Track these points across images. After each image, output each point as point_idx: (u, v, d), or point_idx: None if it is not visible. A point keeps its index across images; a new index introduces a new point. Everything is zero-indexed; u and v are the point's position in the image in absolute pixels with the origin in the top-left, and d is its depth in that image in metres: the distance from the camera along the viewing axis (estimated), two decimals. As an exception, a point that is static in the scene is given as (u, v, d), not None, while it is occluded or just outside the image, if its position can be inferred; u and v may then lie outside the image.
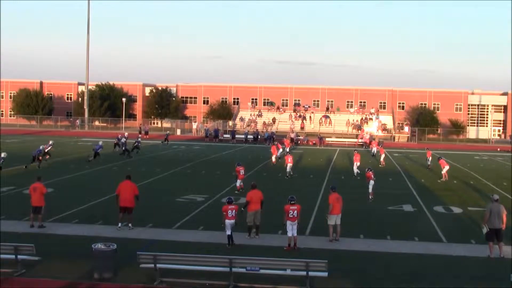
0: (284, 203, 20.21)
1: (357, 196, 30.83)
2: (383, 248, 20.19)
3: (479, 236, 20.40)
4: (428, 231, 23.21)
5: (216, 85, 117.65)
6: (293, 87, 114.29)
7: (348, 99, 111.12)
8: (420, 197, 31.78)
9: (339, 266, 17.19)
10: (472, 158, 61.32)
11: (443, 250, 20.17)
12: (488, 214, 19.38)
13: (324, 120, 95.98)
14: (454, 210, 28.17)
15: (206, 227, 21.69)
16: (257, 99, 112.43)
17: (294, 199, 19.81)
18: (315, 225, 23.37)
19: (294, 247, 19.46)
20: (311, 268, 15.24)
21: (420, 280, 16.60)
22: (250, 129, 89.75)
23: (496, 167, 52.28)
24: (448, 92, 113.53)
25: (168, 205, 27.42)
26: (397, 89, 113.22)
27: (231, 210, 19.75)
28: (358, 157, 42.51)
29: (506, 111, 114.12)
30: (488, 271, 17.84)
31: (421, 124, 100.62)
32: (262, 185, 26.81)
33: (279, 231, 21.46)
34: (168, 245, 19.42)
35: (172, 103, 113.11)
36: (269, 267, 15.73)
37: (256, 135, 79.71)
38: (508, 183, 39.29)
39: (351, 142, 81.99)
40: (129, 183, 22.49)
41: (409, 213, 27.17)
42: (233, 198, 20.97)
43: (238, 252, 18.23)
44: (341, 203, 21.12)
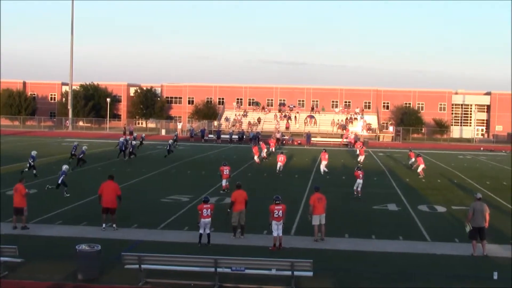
0: (269, 203, 20.22)
1: (343, 196, 30.93)
2: (368, 247, 20.24)
3: (463, 234, 20.49)
4: (412, 230, 23.30)
5: (201, 85, 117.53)
6: (278, 87, 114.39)
7: (333, 99, 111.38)
8: (404, 196, 31.90)
9: (324, 265, 17.22)
10: (456, 157, 61.64)
11: (427, 249, 20.25)
12: (472, 212, 19.50)
13: (309, 120, 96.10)
14: (438, 209, 28.29)
15: (191, 228, 21.62)
16: (242, 99, 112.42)
17: (279, 199, 19.81)
18: (300, 225, 23.38)
19: (279, 247, 19.46)
20: (296, 268, 15.24)
21: (405, 279, 16.65)
22: (235, 129, 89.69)
23: (479, 166, 52.60)
24: (432, 92, 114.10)
25: (153, 205, 27.33)
26: (382, 89, 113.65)
27: (206, 209, 19.71)
28: (325, 156, 42.54)
29: (489, 110, 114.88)
30: (471, 269, 17.94)
31: (405, 124, 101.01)
32: (247, 185, 26.85)
33: (264, 231, 21.45)
34: (153, 246, 19.36)
35: (157, 103, 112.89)
36: (255, 267, 15.71)
37: (241, 135, 79.68)
38: (491, 182, 39.56)
39: (336, 142, 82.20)
40: (111, 184, 22.37)
41: (393, 212, 27.26)
42: (209, 197, 20.94)
43: (223, 252, 18.21)
44: (324, 203, 21.10)
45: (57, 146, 62.52)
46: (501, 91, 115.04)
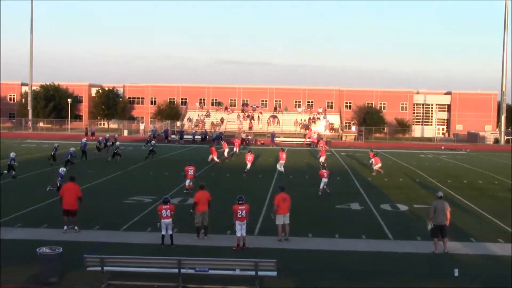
0: (232, 203, 20.20)
1: (306, 195, 31.02)
2: (331, 246, 20.34)
3: (425, 232, 20.70)
4: (375, 229, 23.47)
5: (163, 85, 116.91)
6: (241, 87, 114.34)
7: (296, 99, 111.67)
8: (367, 195, 32.12)
9: (288, 265, 17.24)
10: (417, 157, 62.25)
11: (390, 247, 20.42)
12: (433, 211, 19.73)
13: (272, 120, 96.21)
14: (400, 207, 28.54)
15: (154, 229, 21.46)
16: (205, 99, 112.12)
17: (242, 199, 19.80)
18: (264, 225, 23.39)
19: (243, 247, 19.45)
20: (260, 268, 15.23)
21: (368, 277, 16.77)
22: (198, 129, 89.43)
23: (440, 165, 53.21)
24: (394, 91, 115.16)
25: (116, 207, 27.11)
26: (344, 89, 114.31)
27: (165, 210, 19.65)
28: (283, 156, 42.68)
29: (450, 110, 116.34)
30: (433, 267, 18.13)
31: (368, 123, 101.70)
32: (210, 186, 26.81)
33: (228, 231, 21.43)
34: (116, 248, 19.22)
35: (119, 104, 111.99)
36: (218, 268, 15.69)
37: (204, 135, 79.47)
38: (452, 180, 40.05)
39: (299, 141, 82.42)
40: (72, 185, 22.14)
41: (356, 212, 27.42)
42: (169, 198, 20.82)
43: (187, 253, 18.14)
44: (289, 202, 21.16)
45: (17, 147, 61.55)
46: (461, 90, 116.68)
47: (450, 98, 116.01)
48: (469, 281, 16.42)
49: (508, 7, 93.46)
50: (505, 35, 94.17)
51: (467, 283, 16.27)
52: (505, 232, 22.95)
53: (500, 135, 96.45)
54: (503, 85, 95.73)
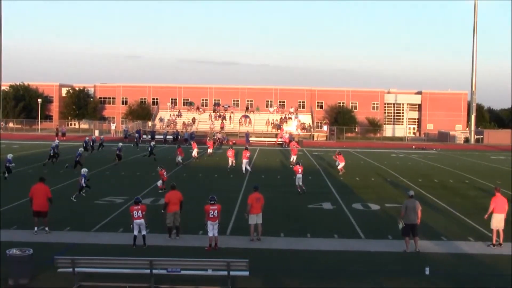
0: (204, 203, 20.14)
1: (278, 195, 31.04)
2: (303, 246, 20.36)
3: (396, 231, 20.82)
4: (347, 228, 23.56)
5: (134, 85, 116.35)
6: (213, 87, 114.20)
7: (267, 98, 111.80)
8: (339, 195, 32.23)
9: (260, 265, 17.23)
10: (389, 156, 62.65)
11: (361, 246, 20.51)
12: (404, 210, 19.85)
13: (244, 119, 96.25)
14: (372, 207, 28.67)
15: (126, 229, 21.32)
16: (176, 99, 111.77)
17: (214, 199, 19.75)
18: (236, 225, 23.37)
19: (215, 247, 19.41)
20: (232, 268, 15.21)
21: (340, 276, 16.82)
22: (170, 129, 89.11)
23: (411, 164, 53.61)
24: (365, 91, 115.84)
25: (87, 207, 26.86)
26: (316, 89, 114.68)
27: (137, 211, 19.53)
28: (247, 154, 42.76)
29: (420, 109, 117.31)
30: (404, 265, 18.23)
31: (339, 123, 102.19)
32: (182, 186, 26.72)
33: (199, 231, 21.37)
34: (87, 249, 19.08)
35: (90, 104, 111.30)
36: (190, 268, 15.65)
37: (175, 135, 79.18)
38: (423, 179, 40.37)
39: (271, 141, 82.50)
40: (42, 186, 21.90)
41: (328, 211, 27.49)
42: (140, 198, 20.68)
43: (159, 253, 18.05)
44: (262, 202, 21.17)
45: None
46: (431, 90, 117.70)
47: (421, 98, 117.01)
48: (440, 280, 16.54)
49: (477, 8, 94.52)
50: (475, 35, 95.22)
51: (438, 281, 16.39)
52: (475, 231, 23.17)
53: (470, 134, 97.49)
54: (473, 85, 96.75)
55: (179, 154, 46.16)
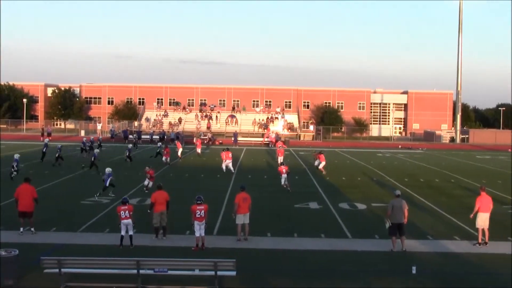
0: (191, 203, 20.10)
1: (265, 195, 31.05)
2: (290, 245, 20.35)
3: (383, 231, 20.87)
4: (334, 227, 23.58)
5: (120, 85, 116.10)
6: (199, 87, 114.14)
7: (254, 98, 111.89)
8: (325, 194, 32.27)
9: (247, 264, 17.22)
10: (375, 156, 62.84)
11: (348, 245, 20.54)
12: (391, 209, 19.89)
13: (230, 119, 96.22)
14: (358, 206, 28.72)
15: (113, 230, 21.25)
16: (162, 99, 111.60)
17: (201, 199, 19.72)
18: (222, 224, 23.34)
19: (202, 247, 19.38)
20: (219, 268, 15.18)
21: (327, 276, 16.83)
22: (156, 129, 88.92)
23: (398, 163, 53.80)
24: (351, 91, 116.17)
25: (73, 208, 26.75)
26: (302, 88, 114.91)
27: (124, 211, 19.47)
28: (228, 155, 42.70)
29: (406, 109, 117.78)
30: (391, 265, 18.28)
31: (325, 123, 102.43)
32: (168, 186, 26.69)
33: (186, 231, 21.34)
34: (74, 249, 18.99)
35: (76, 104, 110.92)
36: (177, 268, 15.60)
37: (162, 135, 78.99)
38: (409, 179, 40.52)
39: (258, 141, 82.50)
40: (27, 187, 21.77)
41: (315, 211, 27.51)
42: (127, 198, 20.62)
43: (146, 253, 18.00)
44: (249, 202, 21.15)
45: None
46: (417, 90, 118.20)
47: (407, 97, 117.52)
48: (427, 279, 16.60)
49: (462, 8, 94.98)
50: (460, 35, 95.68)
51: (424, 280, 16.45)
52: (461, 230, 23.27)
53: (456, 134, 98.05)
54: (458, 85, 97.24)
55: (166, 154, 46.06)
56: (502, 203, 29.78)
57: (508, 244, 21.05)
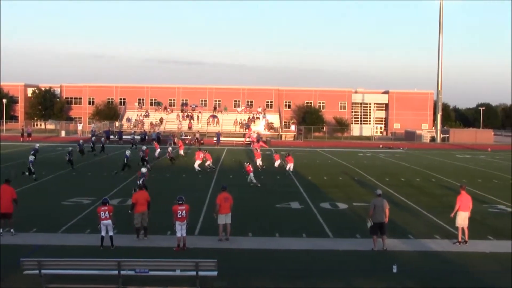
0: (172, 204, 20.06)
1: (246, 195, 31.05)
2: (272, 245, 20.35)
3: (364, 230, 20.94)
4: (315, 227, 23.61)
5: (101, 85, 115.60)
6: (180, 87, 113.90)
7: (235, 98, 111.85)
8: (307, 194, 32.32)
9: (229, 265, 17.20)
10: (356, 155, 63.01)
11: (330, 245, 20.57)
12: (373, 208, 19.96)
13: (211, 119, 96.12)
14: (339, 206, 28.79)
15: (93, 230, 21.14)
16: (144, 99, 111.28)
17: (182, 199, 19.69)
18: (204, 225, 23.31)
19: (183, 247, 19.34)
20: (200, 268, 15.15)
21: (309, 275, 16.85)
22: (137, 129, 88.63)
23: (379, 163, 54.00)
24: (332, 91, 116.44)
25: (53, 208, 26.59)
26: (284, 88, 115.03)
27: (104, 212, 19.39)
28: (199, 155, 42.88)
29: (387, 109, 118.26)
30: (372, 264, 18.34)
31: (307, 123, 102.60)
32: (149, 186, 26.64)
33: (168, 231, 21.28)
34: (54, 250, 18.87)
35: (56, 104, 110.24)
36: (159, 269, 15.56)
37: (143, 135, 78.75)
38: (390, 178, 40.68)
39: (239, 141, 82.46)
40: (6, 188, 21.61)
41: (296, 210, 27.53)
42: (108, 199, 20.52)
43: (127, 254, 17.91)
44: (231, 202, 21.13)
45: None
46: (398, 89, 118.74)
47: (388, 97, 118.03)
48: (407, 277, 16.68)
49: (443, 7, 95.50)
50: (440, 35, 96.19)
51: (405, 279, 16.52)
52: (442, 229, 23.39)
53: (436, 133, 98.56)
54: (439, 84, 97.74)
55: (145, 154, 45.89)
56: (482, 202, 30.01)
57: (487, 242, 21.22)
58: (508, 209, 28.49)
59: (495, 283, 16.46)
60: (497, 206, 29.45)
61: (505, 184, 38.51)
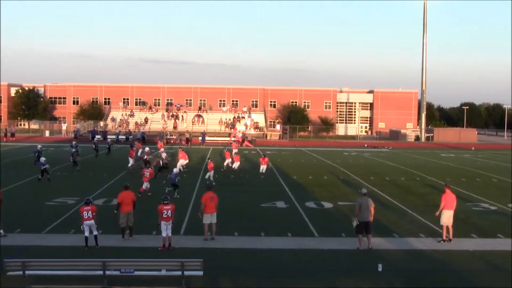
0: (158, 203, 20.02)
1: (231, 194, 31.01)
2: (257, 245, 20.37)
3: (350, 229, 21.00)
4: (300, 226, 23.64)
5: (86, 85, 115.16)
6: (166, 87, 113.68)
7: (220, 98, 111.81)
8: (292, 193, 32.35)
9: (214, 264, 17.20)
10: (341, 154, 63.15)
11: (315, 244, 20.61)
12: (358, 207, 20.01)
13: (197, 119, 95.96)
14: (325, 205, 28.84)
15: (78, 230, 21.04)
16: (128, 99, 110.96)
17: (167, 199, 19.67)
18: (189, 224, 23.28)
19: (169, 247, 19.31)
20: (186, 268, 15.15)
21: (294, 274, 16.87)
22: (122, 129, 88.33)
23: (364, 162, 54.13)
24: (317, 90, 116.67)
25: (38, 209, 26.43)
26: (269, 88, 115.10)
27: (87, 212, 19.32)
28: (183, 155, 42.73)
29: (372, 108, 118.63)
30: (358, 263, 18.39)
31: (292, 122, 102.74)
32: (135, 186, 26.52)
33: (153, 231, 21.24)
34: (39, 251, 18.76)
35: (40, 104, 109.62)
36: (144, 269, 15.54)
37: (128, 135, 78.49)
38: (375, 177, 40.80)
39: (225, 140, 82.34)
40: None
41: (282, 210, 27.55)
42: (91, 199, 20.43)
43: (112, 254, 17.86)
44: (216, 201, 21.10)
45: None
46: (383, 89, 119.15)
47: (373, 97, 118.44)
48: (392, 276, 16.75)
49: (427, 8, 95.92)
50: (424, 35, 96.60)
51: (390, 277, 16.59)
52: (426, 227, 23.52)
53: (421, 132, 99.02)
54: (423, 84, 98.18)
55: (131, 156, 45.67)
56: (466, 201, 30.18)
57: (471, 241, 21.36)
58: (491, 208, 28.68)
59: (479, 281, 16.56)
60: (480, 204, 29.63)
61: (489, 183, 38.79)
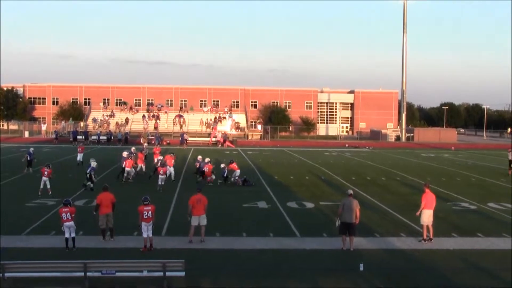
0: (138, 204, 19.94)
1: (213, 195, 30.91)
2: (239, 245, 20.36)
3: (331, 229, 21.03)
4: (282, 226, 23.65)
5: (66, 85, 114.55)
6: (146, 87, 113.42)
7: (201, 98, 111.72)
8: (274, 193, 32.37)
9: (196, 265, 17.17)
10: (322, 154, 63.32)
11: (297, 244, 20.63)
12: (341, 208, 20.02)
13: (177, 119, 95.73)
14: (306, 205, 28.88)
15: (58, 232, 20.91)
16: (109, 99, 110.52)
17: (148, 199, 19.58)
18: (171, 225, 23.22)
19: (150, 248, 19.25)
20: (168, 269, 15.12)
21: (276, 274, 16.88)
22: (103, 130, 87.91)
23: (345, 162, 54.30)
24: (298, 90, 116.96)
25: (17, 210, 26.21)
26: (250, 88, 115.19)
27: (66, 213, 19.18)
28: (142, 157, 41.95)
29: (353, 108, 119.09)
30: (339, 262, 18.43)
31: (273, 122, 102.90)
32: (115, 187, 26.42)
33: (134, 232, 21.14)
34: (18, 253, 18.61)
35: (19, 104, 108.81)
36: (125, 270, 15.48)
37: (109, 136, 78.13)
38: (356, 177, 40.94)
39: (205, 141, 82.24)
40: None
41: (263, 210, 27.56)
42: (70, 200, 20.31)
43: (93, 256, 17.76)
44: (205, 203, 20.97)
45: None
46: (363, 89, 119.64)
47: (353, 97, 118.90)
48: (374, 275, 16.80)
49: (407, 8, 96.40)
50: (404, 35, 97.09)
51: (371, 277, 16.65)
52: (407, 227, 23.63)
53: (401, 132, 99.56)
54: (403, 84, 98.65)
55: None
56: (445, 200, 30.36)
57: (451, 239, 21.49)
58: (471, 207, 28.88)
59: (460, 279, 16.67)
60: (460, 203, 29.82)
61: (468, 182, 39.08)
